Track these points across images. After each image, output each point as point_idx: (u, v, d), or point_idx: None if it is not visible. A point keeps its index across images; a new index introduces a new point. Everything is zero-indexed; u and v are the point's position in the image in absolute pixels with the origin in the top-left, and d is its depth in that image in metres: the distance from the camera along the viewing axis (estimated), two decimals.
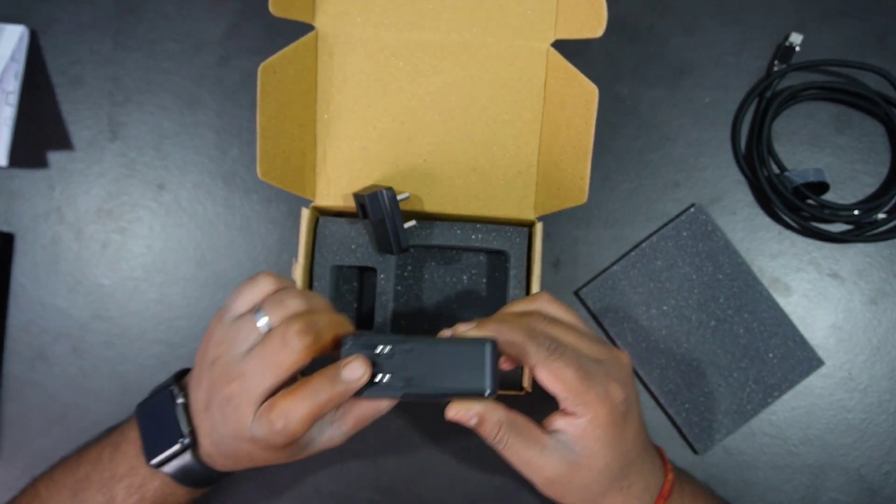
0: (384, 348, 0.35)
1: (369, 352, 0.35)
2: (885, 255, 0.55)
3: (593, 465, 0.38)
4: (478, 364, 0.35)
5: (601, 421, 0.37)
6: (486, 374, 0.35)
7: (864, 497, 0.53)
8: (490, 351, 0.35)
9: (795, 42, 0.55)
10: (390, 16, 0.48)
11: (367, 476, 0.53)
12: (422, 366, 0.35)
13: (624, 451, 0.38)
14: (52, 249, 0.54)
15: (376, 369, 0.35)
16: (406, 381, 0.35)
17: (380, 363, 0.35)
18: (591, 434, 0.37)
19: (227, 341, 0.39)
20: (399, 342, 0.35)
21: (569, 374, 0.36)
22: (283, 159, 0.46)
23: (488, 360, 0.35)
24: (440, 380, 0.35)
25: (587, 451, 0.37)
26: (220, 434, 0.39)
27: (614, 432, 0.37)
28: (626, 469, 0.39)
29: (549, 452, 0.38)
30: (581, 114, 0.45)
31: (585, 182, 0.45)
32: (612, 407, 0.37)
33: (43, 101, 0.55)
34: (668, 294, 0.54)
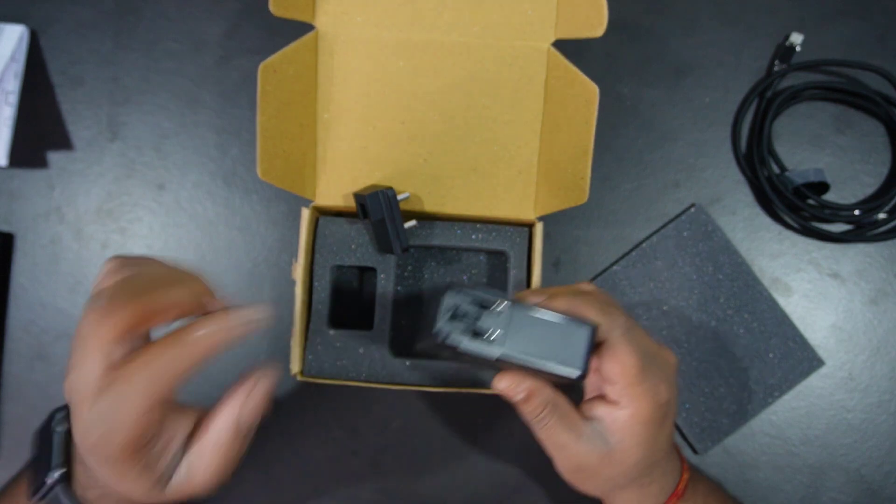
0: (499, 304, 0.34)
1: (476, 306, 0.34)
2: (886, 255, 0.55)
3: (624, 460, 0.38)
4: (577, 345, 0.34)
5: (642, 417, 0.37)
6: (582, 357, 0.34)
7: (864, 497, 0.53)
8: (590, 335, 0.35)
9: (796, 42, 0.55)
10: (390, 16, 0.48)
11: (367, 476, 0.53)
12: (523, 332, 0.34)
13: (655, 451, 0.38)
14: (52, 249, 0.54)
15: (483, 322, 0.34)
16: (506, 344, 0.34)
17: (484, 317, 0.34)
18: (629, 429, 0.37)
19: None
20: (510, 302, 0.34)
21: (631, 361, 0.36)
22: (283, 159, 0.46)
23: (587, 343, 0.35)
24: (538, 351, 0.34)
25: (622, 446, 0.37)
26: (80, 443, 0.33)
27: (651, 431, 0.37)
28: (652, 468, 0.39)
29: (585, 441, 0.37)
30: (581, 114, 0.45)
31: (586, 182, 0.45)
32: (657, 406, 0.37)
33: (43, 101, 0.55)
34: (668, 294, 0.54)
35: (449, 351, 0.35)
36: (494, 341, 0.34)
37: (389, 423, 0.53)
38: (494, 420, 0.53)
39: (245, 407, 0.34)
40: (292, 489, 0.53)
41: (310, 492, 0.53)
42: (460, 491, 0.53)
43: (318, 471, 0.53)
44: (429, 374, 0.48)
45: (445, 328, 0.34)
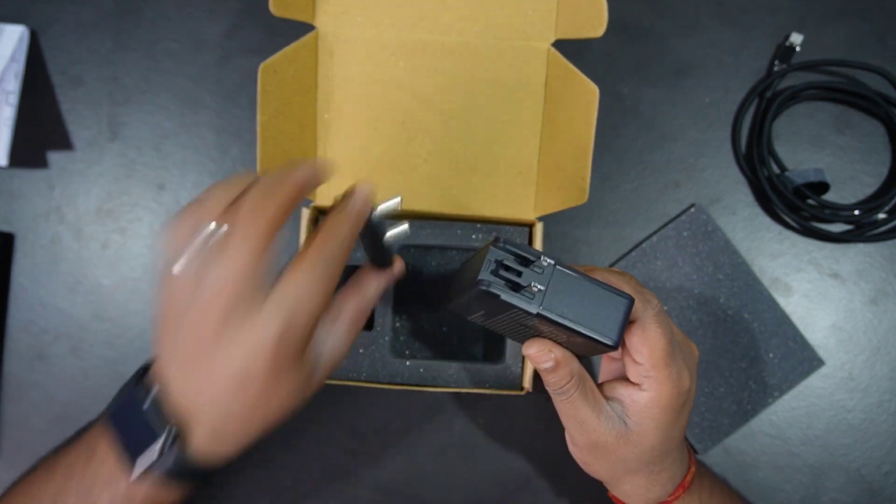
0: (541, 259, 0.34)
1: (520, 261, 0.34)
2: (886, 255, 0.55)
3: (640, 443, 0.38)
4: (614, 316, 0.34)
5: (663, 402, 0.37)
6: (617, 328, 0.34)
7: (864, 497, 0.53)
8: (628, 307, 0.35)
9: (795, 42, 0.55)
10: (390, 16, 0.48)
11: (367, 476, 0.53)
12: (563, 293, 0.34)
13: (670, 439, 0.38)
14: (52, 249, 0.54)
15: (525, 278, 0.34)
16: (545, 301, 0.34)
17: (526, 273, 0.34)
18: (648, 413, 0.37)
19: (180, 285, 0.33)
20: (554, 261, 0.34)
21: (660, 343, 0.36)
22: (283, 159, 0.46)
23: (624, 314, 0.35)
24: (576, 314, 0.34)
25: (639, 428, 0.37)
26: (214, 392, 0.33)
27: (670, 417, 0.37)
28: (664, 455, 0.39)
29: (605, 418, 0.37)
30: (581, 114, 0.45)
31: (586, 182, 0.45)
32: (678, 393, 0.37)
33: (43, 101, 0.55)
34: (668, 294, 0.54)
35: (486, 305, 0.36)
36: (535, 297, 0.34)
37: (389, 423, 0.53)
38: (494, 420, 0.53)
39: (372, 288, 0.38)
40: (292, 489, 0.53)
41: (310, 492, 0.53)
42: (460, 491, 0.53)
43: (318, 471, 0.53)
44: (429, 374, 0.48)
45: (488, 278, 0.34)
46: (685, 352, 0.39)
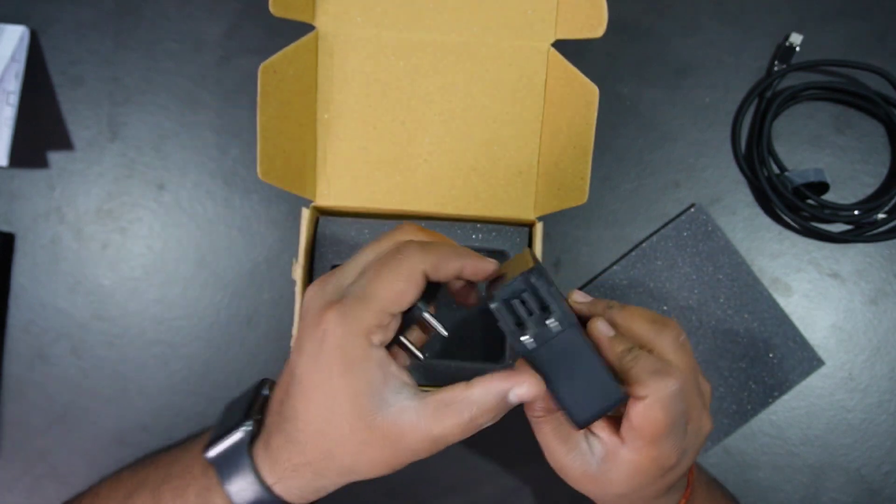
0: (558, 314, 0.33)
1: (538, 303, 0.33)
2: (886, 255, 0.55)
3: (608, 489, 0.37)
4: (598, 403, 0.34)
5: (639, 468, 0.36)
6: (591, 413, 0.34)
7: (864, 497, 0.53)
8: (614, 402, 0.34)
9: (795, 42, 0.55)
10: (390, 16, 0.48)
11: None
12: (562, 352, 0.33)
13: (643, 495, 0.37)
14: (52, 249, 0.54)
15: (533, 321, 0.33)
16: (535, 352, 0.33)
17: (536, 317, 0.33)
18: (622, 469, 0.36)
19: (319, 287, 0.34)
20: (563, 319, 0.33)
21: (658, 425, 0.34)
22: (283, 159, 0.46)
23: (605, 406, 0.34)
24: (560, 376, 0.34)
25: (609, 477, 0.36)
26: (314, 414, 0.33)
27: (642, 480, 0.36)
28: (641, 500, 0.38)
29: (574, 455, 0.37)
30: (581, 114, 0.45)
31: (586, 182, 0.45)
32: (657, 467, 0.36)
33: (43, 101, 0.55)
34: (668, 294, 0.54)
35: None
36: (531, 341, 0.33)
37: None
38: None
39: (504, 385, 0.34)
40: None
41: None
42: (461, 491, 0.53)
43: None
44: (429, 374, 0.48)
45: (498, 305, 0.33)
46: (691, 430, 0.36)
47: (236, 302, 0.54)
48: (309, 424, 0.33)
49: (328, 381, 0.32)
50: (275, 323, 0.54)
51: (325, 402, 0.33)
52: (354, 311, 0.32)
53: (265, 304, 0.54)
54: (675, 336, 0.37)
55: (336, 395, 0.32)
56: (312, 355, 0.33)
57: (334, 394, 0.32)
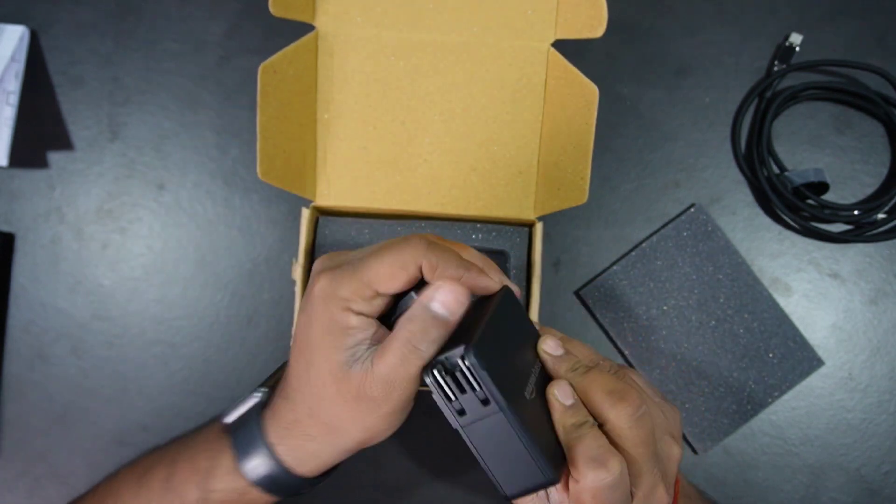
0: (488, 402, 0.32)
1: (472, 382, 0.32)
2: (885, 255, 0.55)
3: None
4: (524, 479, 0.33)
5: None
6: (518, 491, 0.34)
7: (864, 497, 0.53)
8: (542, 483, 0.33)
9: (795, 42, 0.55)
10: (390, 16, 0.48)
11: (367, 476, 0.53)
12: (491, 433, 0.33)
13: None
14: (52, 249, 0.54)
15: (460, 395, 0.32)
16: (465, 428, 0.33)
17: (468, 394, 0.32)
18: None
19: None
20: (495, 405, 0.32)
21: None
22: (283, 159, 0.46)
23: (532, 485, 0.33)
24: (491, 456, 0.34)
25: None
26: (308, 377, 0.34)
27: None
28: None
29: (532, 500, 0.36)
30: (581, 114, 0.45)
31: (586, 182, 0.45)
32: None
33: (43, 101, 0.55)
34: (668, 294, 0.54)
35: None
36: (461, 419, 0.33)
37: None
38: None
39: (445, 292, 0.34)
40: None
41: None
42: (460, 491, 0.53)
43: None
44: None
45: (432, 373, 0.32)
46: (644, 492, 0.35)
47: (236, 302, 0.54)
48: (297, 379, 0.35)
49: (311, 340, 0.34)
50: (275, 323, 0.54)
51: (308, 359, 0.34)
52: (342, 277, 0.33)
53: (265, 304, 0.54)
54: (632, 410, 0.35)
55: (316, 352, 0.34)
56: (305, 315, 0.35)
57: (315, 351, 0.34)
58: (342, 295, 0.33)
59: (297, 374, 0.35)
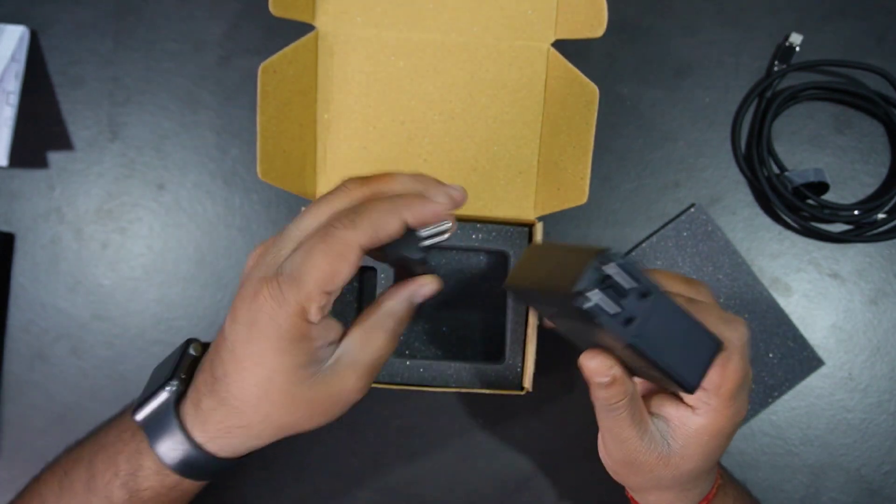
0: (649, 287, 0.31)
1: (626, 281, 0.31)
2: (885, 255, 0.55)
3: (680, 465, 0.36)
4: (701, 360, 0.32)
5: (715, 430, 0.35)
6: (700, 372, 0.32)
7: (864, 497, 0.53)
8: (716, 353, 0.33)
9: (795, 42, 0.55)
10: (390, 16, 0.48)
11: (367, 476, 0.53)
12: (660, 326, 0.32)
13: (712, 462, 0.37)
14: (52, 249, 0.54)
15: (628, 305, 0.31)
16: (641, 333, 0.31)
17: (630, 300, 0.31)
18: (697, 439, 0.36)
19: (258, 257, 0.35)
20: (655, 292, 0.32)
21: (734, 378, 0.34)
22: (283, 159, 0.46)
23: (710, 360, 0.33)
24: (666, 351, 0.32)
25: (684, 451, 0.36)
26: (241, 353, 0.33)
27: (718, 444, 0.36)
28: (700, 476, 0.38)
29: (648, 439, 0.36)
30: (581, 114, 0.45)
31: (586, 182, 0.45)
32: (734, 424, 0.36)
33: (43, 101, 0.55)
34: None
35: (566, 311, 0.33)
36: (632, 326, 0.31)
37: (389, 423, 0.53)
38: (494, 420, 0.53)
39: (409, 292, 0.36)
40: (292, 489, 0.53)
41: (310, 492, 0.53)
42: (460, 491, 0.53)
43: (318, 471, 0.53)
44: (429, 374, 0.48)
45: (589, 296, 0.31)
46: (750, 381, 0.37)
47: None
48: (244, 392, 0.33)
49: (263, 357, 0.33)
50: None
51: (261, 375, 0.33)
52: (288, 292, 0.32)
53: None
54: (709, 291, 0.37)
55: (273, 370, 0.33)
56: (246, 326, 0.33)
57: (271, 369, 0.33)
58: (296, 310, 0.32)
59: (245, 387, 0.33)
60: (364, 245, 0.32)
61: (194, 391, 0.36)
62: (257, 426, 0.35)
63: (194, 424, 0.35)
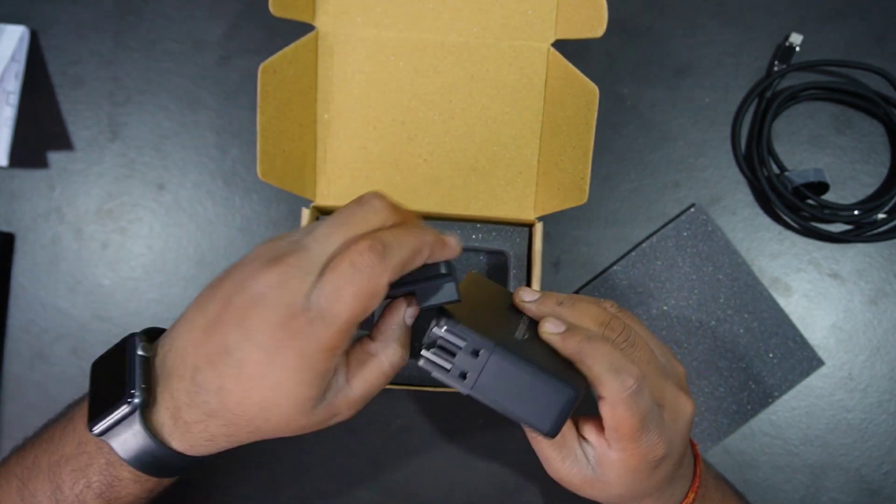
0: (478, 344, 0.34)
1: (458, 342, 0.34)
2: (885, 255, 0.55)
3: (607, 490, 0.38)
4: (555, 406, 0.34)
5: (631, 466, 0.36)
6: (553, 418, 0.34)
7: (864, 497, 0.53)
8: (570, 400, 0.34)
9: (795, 42, 0.55)
10: (390, 16, 0.48)
11: (367, 476, 0.53)
12: (501, 378, 0.34)
13: (642, 490, 0.38)
14: (52, 249, 0.54)
15: (459, 361, 0.34)
16: (476, 385, 0.34)
17: (460, 356, 0.34)
18: (615, 471, 0.37)
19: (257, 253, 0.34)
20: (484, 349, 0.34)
21: (629, 423, 0.35)
22: (283, 159, 0.46)
23: (563, 407, 0.34)
24: (509, 400, 0.34)
25: (606, 479, 0.37)
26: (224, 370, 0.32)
27: (636, 477, 0.37)
28: (642, 496, 0.39)
29: (571, 463, 0.38)
30: (581, 114, 0.45)
31: (586, 182, 0.45)
32: (647, 462, 0.36)
33: (43, 101, 0.55)
34: (668, 294, 0.54)
35: None
36: (466, 380, 0.34)
37: (389, 423, 0.53)
38: (494, 420, 0.53)
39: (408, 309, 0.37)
40: (292, 489, 0.53)
41: (310, 492, 0.53)
42: (460, 491, 0.53)
43: (318, 471, 0.53)
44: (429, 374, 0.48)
45: (423, 355, 0.35)
46: (668, 417, 0.37)
47: None
48: (243, 409, 0.33)
49: (282, 385, 0.32)
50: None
51: (269, 400, 0.32)
52: (320, 329, 0.32)
53: None
54: (626, 333, 0.37)
55: (286, 397, 0.32)
56: (267, 351, 0.32)
57: (284, 396, 0.32)
58: (322, 346, 0.32)
59: (243, 405, 0.33)
60: (392, 281, 0.33)
61: (169, 400, 0.34)
62: (244, 434, 0.34)
63: (173, 435, 0.34)
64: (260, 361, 0.32)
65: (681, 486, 0.40)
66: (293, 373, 0.32)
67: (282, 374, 0.32)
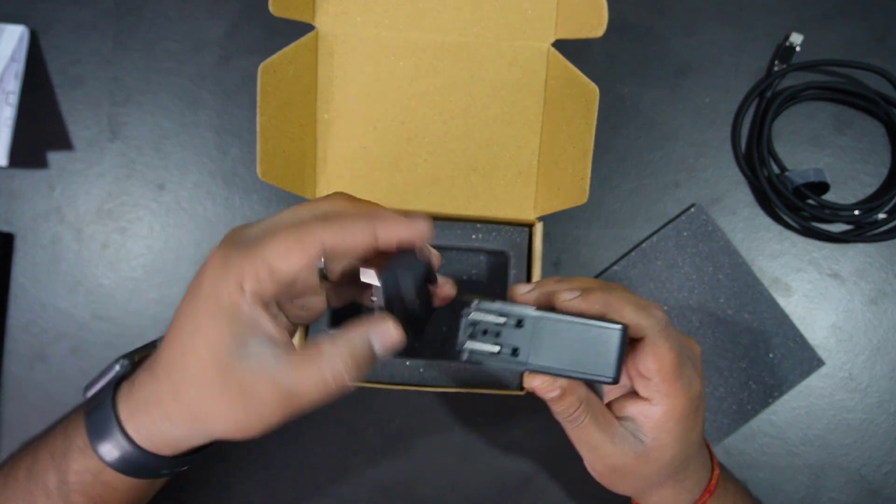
0: (520, 313, 0.33)
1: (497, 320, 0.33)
2: (886, 255, 0.55)
3: (660, 458, 0.37)
4: (609, 350, 0.34)
5: (677, 413, 0.36)
6: (614, 362, 0.34)
7: (864, 497, 0.53)
8: (621, 338, 0.34)
9: (795, 42, 0.55)
10: (390, 16, 0.48)
11: (367, 476, 0.53)
12: (550, 341, 0.33)
13: (689, 445, 0.38)
14: (52, 249, 0.54)
15: (499, 340, 0.34)
16: (531, 356, 0.33)
17: (505, 332, 0.34)
18: (664, 426, 0.36)
19: None
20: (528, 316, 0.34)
21: (669, 358, 0.35)
22: (283, 159, 0.46)
23: (618, 347, 0.34)
24: (567, 359, 0.34)
25: (657, 443, 0.37)
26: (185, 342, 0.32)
27: (686, 425, 0.37)
28: (687, 462, 0.39)
29: (620, 441, 0.37)
30: (581, 114, 0.45)
31: (586, 182, 0.45)
32: (691, 400, 0.36)
33: (43, 101, 0.55)
34: (668, 294, 0.54)
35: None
36: (519, 355, 0.33)
37: (389, 423, 0.53)
38: (494, 420, 0.53)
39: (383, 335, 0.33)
40: (292, 489, 0.53)
41: (310, 492, 0.53)
42: (460, 491, 0.53)
43: (318, 470, 0.53)
44: (429, 374, 0.48)
45: (467, 347, 0.33)
46: (690, 354, 0.38)
47: None
48: (168, 357, 0.32)
49: (195, 317, 0.32)
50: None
51: (186, 339, 0.32)
52: (235, 258, 0.31)
53: None
54: (623, 287, 0.38)
55: (198, 332, 0.31)
56: (190, 290, 0.32)
57: (197, 331, 0.31)
58: (236, 277, 0.31)
59: (171, 353, 0.32)
60: (328, 244, 0.31)
61: (138, 368, 0.35)
62: (168, 402, 0.33)
63: (121, 398, 0.34)
64: (184, 307, 0.32)
65: (704, 470, 0.41)
66: (205, 304, 0.31)
67: (195, 307, 0.32)
